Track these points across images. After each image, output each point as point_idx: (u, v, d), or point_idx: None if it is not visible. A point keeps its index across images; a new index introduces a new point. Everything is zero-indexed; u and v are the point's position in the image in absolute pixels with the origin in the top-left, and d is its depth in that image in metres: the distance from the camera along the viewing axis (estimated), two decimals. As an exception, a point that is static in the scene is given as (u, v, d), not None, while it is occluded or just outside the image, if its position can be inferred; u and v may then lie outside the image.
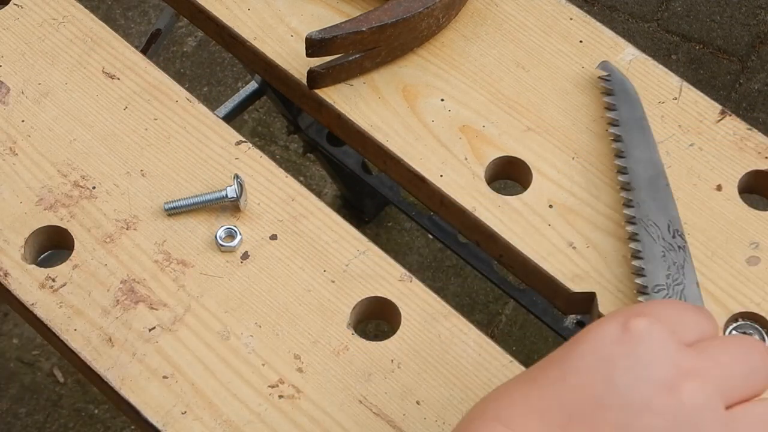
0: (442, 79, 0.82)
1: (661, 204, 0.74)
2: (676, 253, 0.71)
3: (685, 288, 0.70)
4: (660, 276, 0.71)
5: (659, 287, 0.70)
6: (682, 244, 0.72)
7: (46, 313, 0.73)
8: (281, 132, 1.86)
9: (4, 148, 0.79)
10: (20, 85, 0.82)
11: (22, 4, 0.85)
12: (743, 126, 0.80)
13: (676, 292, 0.70)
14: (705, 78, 1.90)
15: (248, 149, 0.79)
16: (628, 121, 0.78)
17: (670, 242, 0.72)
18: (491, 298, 1.68)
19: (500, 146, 0.79)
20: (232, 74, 1.93)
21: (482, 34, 0.84)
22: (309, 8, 0.85)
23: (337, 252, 0.75)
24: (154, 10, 1.99)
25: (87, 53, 0.83)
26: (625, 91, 0.79)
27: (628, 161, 0.76)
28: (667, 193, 0.74)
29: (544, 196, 0.77)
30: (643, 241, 0.72)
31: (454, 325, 0.72)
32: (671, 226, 0.73)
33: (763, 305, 0.72)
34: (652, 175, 0.75)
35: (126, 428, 1.61)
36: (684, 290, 0.70)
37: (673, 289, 0.70)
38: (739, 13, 1.97)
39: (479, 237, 0.77)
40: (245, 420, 0.68)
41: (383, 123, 0.80)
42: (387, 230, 1.76)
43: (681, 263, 0.71)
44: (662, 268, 0.71)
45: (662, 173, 0.75)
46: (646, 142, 0.76)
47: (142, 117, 0.80)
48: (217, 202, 0.76)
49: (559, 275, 0.74)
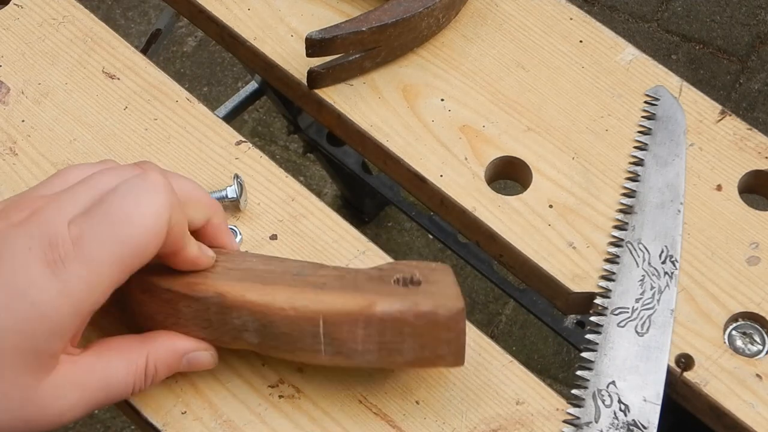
0: (442, 79, 0.82)
1: (663, 229, 0.74)
2: (659, 279, 0.72)
3: (655, 313, 0.71)
4: (628, 299, 0.71)
5: (621, 310, 0.71)
6: (672, 270, 0.72)
7: (46, 313, 0.72)
8: (281, 132, 1.86)
9: (4, 148, 0.79)
10: (20, 85, 0.82)
11: (22, 4, 0.85)
12: (743, 126, 0.80)
13: (641, 317, 0.70)
14: (705, 78, 1.90)
15: (248, 149, 0.79)
16: (661, 149, 0.77)
17: (657, 267, 0.72)
18: (491, 298, 1.68)
19: (500, 146, 0.79)
20: (232, 74, 1.93)
21: (482, 34, 0.84)
22: (309, 8, 0.85)
23: (337, 252, 0.75)
24: (154, 10, 1.99)
25: (87, 53, 0.83)
26: (670, 119, 0.78)
27: (641, 186, 0.76)
28: (676, 220, 0.74)
29: (544, 196, 0.77)
30: (623, 264, 0.72)
31: (454, 325, 0.72)
32: (666, 251, 0.73)
33: (764, 305, 0.72)
34: (666, 200, 0.75)
35: (126, 428, 1.61)
36: (652, 315, 0.71)
37: (640, 313, 0.71)
38: (739, 13, 1.97)
39: (479, 237, 0.77)
40: (245, 420, 0.68)
41: (383, 123, 0.80)
42: (387, 230, 1.76)
43: (661, 289, 0.71)
44: (634, 292, 0.71)
45: (679, 199, 0.75)
46: (674, 171, 0.76)
47: (142, 117, 0.80)
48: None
49: (559, 275, 0.74)
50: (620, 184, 0.77)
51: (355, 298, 0.64)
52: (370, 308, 0.63)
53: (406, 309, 0.63)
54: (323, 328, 0.64)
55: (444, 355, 0.65)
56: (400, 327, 0.64)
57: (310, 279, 0.66)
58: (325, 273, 0.67)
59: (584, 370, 0.69)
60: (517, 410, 0.69)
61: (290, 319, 0.64)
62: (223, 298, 0.64)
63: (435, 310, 0.63)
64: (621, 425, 0.67)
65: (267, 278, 0.66)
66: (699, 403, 0.70)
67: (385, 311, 0.63)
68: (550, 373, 1.63)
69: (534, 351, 1.65)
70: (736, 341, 0.71)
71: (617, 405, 0.68)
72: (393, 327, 0.64)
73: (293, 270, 0.67)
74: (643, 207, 0.75)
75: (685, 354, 0.70)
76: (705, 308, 0.72)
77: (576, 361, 0.71)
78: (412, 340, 0.64)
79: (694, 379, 0.70)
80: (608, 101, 0.81)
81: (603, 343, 0.70)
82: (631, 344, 0.70)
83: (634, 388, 0.68)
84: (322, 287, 0.65)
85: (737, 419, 0.68)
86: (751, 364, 0.70)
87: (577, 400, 0.68)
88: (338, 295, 0.64)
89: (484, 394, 0.69)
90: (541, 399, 0.69)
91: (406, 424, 0.68)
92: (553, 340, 1.66)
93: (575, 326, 1.30)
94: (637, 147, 0.78)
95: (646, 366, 0.69)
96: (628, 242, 0.73)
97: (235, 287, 0.65)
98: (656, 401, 0.68)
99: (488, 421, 0.68)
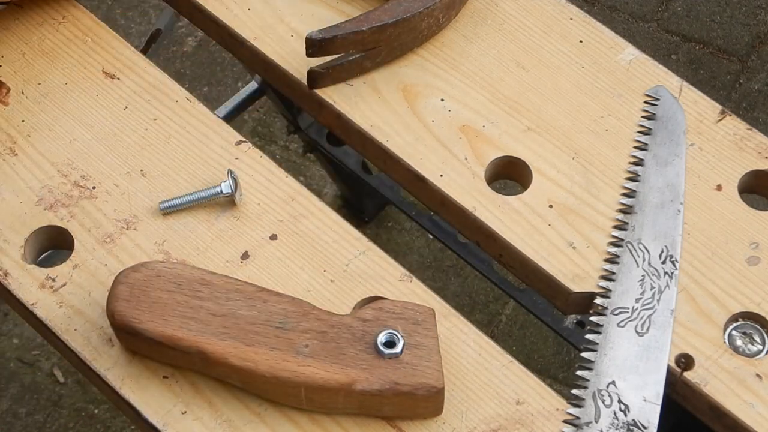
0: (443, 79, 0.82)
1: (663, 229, 0.74)
2: (659, 278, 0.72)
3: (655, 313, 0.71)
4: (628, 299, 0.71)
5: (621, 310, 0.71)
6: (672, 270, 0.72)
7: (46, 313, 0.73)
8: (281, 132, 1.86)
9: (4, 148, 0.79)
10: (20, 85, 0.82)
11: (23, 4, 0.85)
12: (743, 126, 0.80)
13: (641, 317, 0.70)
14: (705, 78, 1.90)
15: (248, 149, 0.79)
16: (661, 149, 0.77)
17: (657, 267, 0.72)
18: (491, 298, 1.68)
19: (500, 146, 0.79)
20: (232, 74, 1.93)
21: (482, 34, 0.84)
22: (309, 8, 0.85)
23: (337, 252, 0.75)
24: (154, 10, 1.99)
25: (87, 53, 0.83)
26: (670, 119, 0.78)
27: (641, 186, 0.76)
28: (676, 220, 0.74)
29: (544, 196, 0.77)
30: (623, 264, 0.72)
31: (454, 325, 0.72)
32: (666, 251, 0.73)
33: (764, 305, 0.72)
34: (666, 200, 0.75)
35: (126, 428, 1.61)
36: (652, 315, 0.71)
37: (640, 313, 0.71)
38: (739, 13, 1.97)
39: (479, 237, 0.77)
40: (245, 420, 0.68)
41: (383, 123, 0.80)
42: (387, 230, 1.76)
43: (661, 289, 0.71)
44: (634, 293, 0.71)
45: (679, 199, 0.75)
46: (674, 170, 0.76)
47: (142, 117, 0.80)
48: (212, 198, 0.76)
49: (559, 275, 0.74)
50: (620, 184, 0.77)
51: (336, 374, 0.66)
52: (350, 386, 0.66)
53: (386, 389, 0.66)
54: (305, 393, 0.67)
55: (422, 414, 0.68)
56: (380, 400, 0.67)
57: (293, 337, 0.67)
58: (309, 327, 0.67)
59: (584, 370, 0.69)
60: (517, 410, 0.69)
61: (272, 385, 0.67)
62: (205, 356, 0.66)
63: (414, 391, 0.66)
64: (621, 425, 0.67)
65: (249, 333, 0.67)
66: (699, 403, 0.70)
67: (364, 389, 0.66)
68: (550, 373, 1.63)
69: (534, 351, 1.65)
70: (736, 341, 0.71)
71: (617, 405, 0.68)
72: (372, 399, 0.67)
73: (277, 320, 0.67)
74: (643, 207, 0.75)
75: (686, 354, 0.70)
76: (705, 308, 0.72)
77: (576, 361, 0.71)
78: (390, 408, 0.67)
79: (694, 379, 0.70)
80: (608, 101, 0.81)
81: (603, 343, 0.70)
82: (631, 344, 0.70)
83: (634, 388, 0.68)
84: (304, 354, 0.66)
85: (737, 419, 0.68)
86: (751, 364, 0.70)
87: (577, 400, 0.68)
88: (320, 367, 0.66)
89: (484, 394, 0.69)
90: (541, 399, 0.69)
91: (406, 423, 0.68)
92: (553, 340, 1.66)
93: (575, 326, 1.30)
94: (637, 147, 0.78)
95: (646, 366, 0.69)
96: (628, 242, 0.73)
97: (217, 347, 0.66)
98: (656, 401, 0.68)
99: (488, 421, 0.68)
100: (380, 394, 0.66)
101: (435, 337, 0.67)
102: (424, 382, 0.66)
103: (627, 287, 0.72)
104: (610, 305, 0.71)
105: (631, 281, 0.72)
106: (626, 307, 0.71)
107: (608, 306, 0.71)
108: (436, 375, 0.66)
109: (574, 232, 0.75)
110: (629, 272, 0.72)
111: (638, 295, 0.71)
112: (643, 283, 0.72)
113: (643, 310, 0.71)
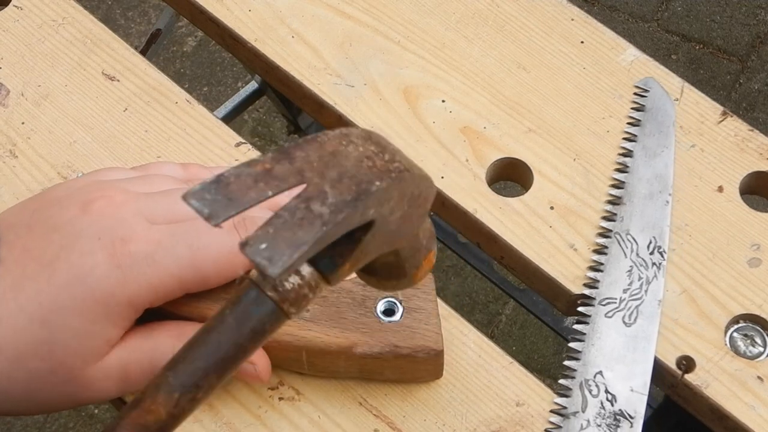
0: (443, 80, 0.82)
1: (651, 220, 0.74)
2: (647, 269, 0.72)
3: (643, 304, 0.71)
4: (616, 290, 0.71)
5: (609, 300, 0.71)
6: (660, 261, 0.72)
7: (46, 315, 0.72)
8: (281, 132, 1.86)
9: (4, 151, 0.79)
10: (20, 87, 0.82)
11: (22, 5, 0.85)
12: (744, 127, 0.80)
13: (629, 307, 0.71)
14: (705, 78, 1.90)
15: (248, 151, 0.79)
16: (649, 140, 0.77)
17: (645, 258, 0.72)
18: (491, 298, 1.68)
19: (501, 147, 0.79)
20: (232, 74, 1.93)
21: (483, 34, 0.84)
22: (310, 9, 0.85)
23: (337, 254, 0.75)
24: (154, 10, 1.99)
25: (87, 55, 0.83)
26: (659, 111, 0.79)
27: (630, 177, 0.76)
28: (664, 210, 0.74)
29: (545, 197, 0.77)
30: (611, 255, 0.72)
31: (454, 326, 0.72)
32: (654, 242, 0.73)
33: (765, 307, 0.72)
34: (655, 191, 0.75)
35: (126, 428, 1.60)
36: (640, 305, 0.71)
37: (627, 303, 0.71)
38: (739, 13, 1.97)
39: (480, 238, 0.77)
40: (245, 422, 0.68)
41: (384, 124, 0.80)
42: (387, 230, 1.76)
43: (649, 280, 0.71)
44: (622, 283, 0.71)
45: (668, 190, 0.75)
46: (663, 162, 0.76)
47: (142, 119, 0.80)
48: None
49: (560, 277, 0.74)
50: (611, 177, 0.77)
51: (336, 338, 0.66)
52: (350, 349, 0.66)
53: (386, 352, 0.66)
54: (306, 357, 0.67)
55: (423, 377, 0.69)
56: (380, 363, 0.67)
57: None
58: None
59: (571, 360, 0.69)
60: (518, 412, 0.69)
61: (274, 348, 0.67)
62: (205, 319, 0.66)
63: (414, 354, 0.66)
64: (608, 415, 0.67)
65: None
66: (700, 406, 0.70)
67: (365, 352, 0.66)
68: (550, 373, 1.63)
69: (534, 351, 1.65)
70: (737, 343, 0.71)
71: (604, 395, 0.68)
72: (373, 362, 0.67)
73: None
74: (631, 198, 0.75)
75: (686, 356, 0.70)
76: (706, 310, 0.72)
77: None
78: (391, 371, 0.68)
79: (695, 382, 0.69)
80: (609, 102, 0.81)
81: (590, 333, 0.70)
82: (618, 334, 0.70)
83: (621, 378, 0.68)
84: (305, 318, 0.66)
85: (738, 421, 0.68)
86: (753, 366, 0.70)
87: (564, 390, 0.68)
88: (320, 331, 0.66)
89: (485, 395, 0.69)
90: (542, 400, 0.69)
91: (406, 425, 0.68)
92: (553, 340, 1.66)
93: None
94: (626, 138, 0.78)
95: (633, 356, 0.69)
96: (616, 233, 0.73)
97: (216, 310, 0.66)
98: (643, 391, 0.68)
99: (488, 423, 0.68)
100: (380, 357, 0.66)
101: (434, 300, 0.68)
102: (424, 345, 0.66)
103: (615, 278, 0.72)
104: (598, 296, 0.71)
105: (619, 272, 0.72)
106: (614, 297, 0.71)
107: (596, 296, 0.71)
108: (435, 337, 0.67)
109: (575, 233, 0.75)
110: (617, 263, 0.72)
111: (626, 286, 0.71)
112: (631, 273, 0.72)
113: (631, 301, 0.71)
